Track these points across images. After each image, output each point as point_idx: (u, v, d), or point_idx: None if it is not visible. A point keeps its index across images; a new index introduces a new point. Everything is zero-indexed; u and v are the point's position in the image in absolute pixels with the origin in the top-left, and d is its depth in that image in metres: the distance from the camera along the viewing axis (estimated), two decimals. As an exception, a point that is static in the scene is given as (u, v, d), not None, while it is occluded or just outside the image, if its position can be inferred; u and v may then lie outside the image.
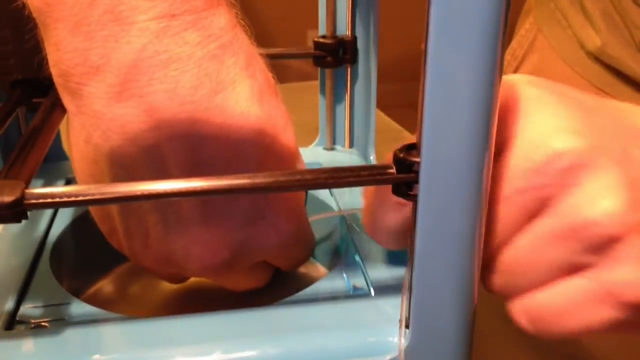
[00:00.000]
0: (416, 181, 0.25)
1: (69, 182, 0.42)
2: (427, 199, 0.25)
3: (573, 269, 0.28)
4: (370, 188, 0.31)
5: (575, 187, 0.27)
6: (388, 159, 0.27)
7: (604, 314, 0.27)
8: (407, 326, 0.28)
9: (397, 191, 0.26)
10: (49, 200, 0.24)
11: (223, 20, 0.28)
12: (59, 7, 0.27)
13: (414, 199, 0.26)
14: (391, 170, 0.26)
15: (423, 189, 0.25)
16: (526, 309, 0.29)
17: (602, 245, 0.26)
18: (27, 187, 0.24)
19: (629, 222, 0.26)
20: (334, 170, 0.26)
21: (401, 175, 0.26)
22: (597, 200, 0.26)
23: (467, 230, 0.26)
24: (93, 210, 0.33)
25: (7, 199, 0.23)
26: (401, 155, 0.26)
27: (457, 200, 0.26)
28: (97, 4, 0.26)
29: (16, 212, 0.23)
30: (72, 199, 0.24)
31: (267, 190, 0.25)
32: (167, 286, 0.38)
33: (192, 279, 0.37)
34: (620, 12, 0.58)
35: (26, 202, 0.23)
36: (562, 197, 0.27)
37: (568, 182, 0.27)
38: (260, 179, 0.25)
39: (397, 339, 0.28)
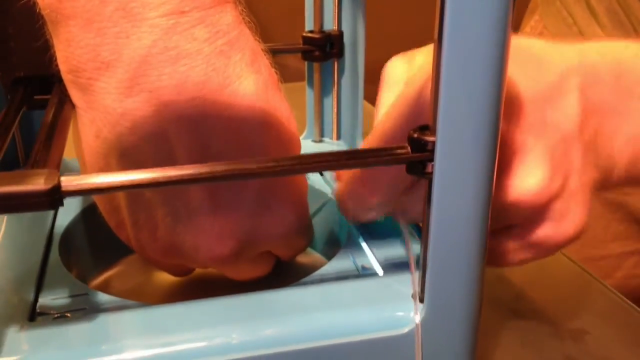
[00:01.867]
0: (430, 160, 0.27)
1: None
2: (441, 177, 0.27)
3: (512, 226, 0.36)
4: (347, 173, 0.34)
5: (511, 170, 0.33)
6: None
7: (528, 255, 0.36)
8: (421, 300, 0.30)
9: (411, 170, 0.28)
10: (86, 187, 0.24)
11: (230, 17, 0.29)
12: (71, 4, 0.27)
13: (428, 176, 0.27)
14: (406, 150, 0.27)
15: (438, 166, 0.27)
16: None
17: (529, 214, 0.35)
18: (57, 176, 0.25)
19: (549, 193, 0.34)
20: (355, 152, 0.27)
21: (416, 155, 0.27)
22: (523, 182, 0.34)
23: (479, 206, 0.28)
24: (100, 203, 0.33)
25: (45, 186, 0.24)
26: (415, 135, 0.27)
27: (470, 177, 0.27)
28: (109, 1, 0.27)
29: (54, 199, 0.24)
30: (108, 184, 0.25)
31: (291, 172, 0.26)
32: (172, 277, 0.39)
33: (196, 271, 0.38)
34: (625, 9, 0.61)
35: (63, 189, 0.24)
36: (503, 179, 0.33)
37: (505, 167, 0.33)
38: (284, 162, 0.26)
39: (412, 313, 0.30)
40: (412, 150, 0.27)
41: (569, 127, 0.34)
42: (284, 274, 0.38)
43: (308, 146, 0.48)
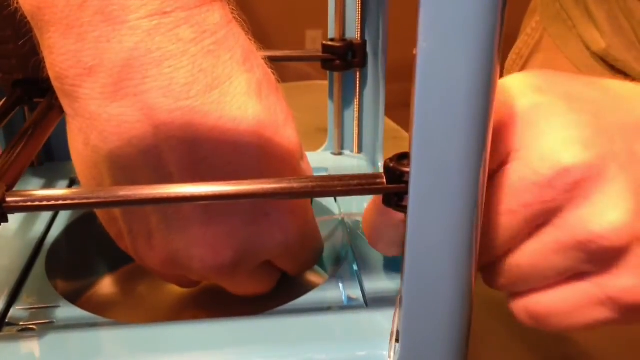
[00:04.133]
0: (406, 192, 0.24)
1: (72, 182, 0.42)
2: (417, 211, 0.24)
3: (576, 274, 0.29)
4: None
5: (583, 200, 0.27)
6: None
7: (602, 314, 0.29)
8: (397, 340, 0.28)
9: (387, 202, 0.25)
10: (29, 203, 0.23)
11: (217, 16, 0.28)
12: (50, 10, 0.27)
13: (404, 210, 0.25)
14: (381, 180, 0.25)
15: (413, 200, 0.24)
16: (528, 307, 0.30)
17: (606, 256, 0.27)
18: (11, 188, 0.24)
19: (633, 233, 0.27)
20: (322, 179, 0.25)
21: (391, 186, 0.25)
22: (603, 214, 0.27)
23: (460, 243, 0.25)
24: (100, 214, 0.33)
25: (-14, 201, 0.23)
26: (391, 164, 0.25)
27: (449, 212, 0.25)
28: (87, 6, 0.26)
29: (-5, 215, 0.23)
30: (52, 203, 0.24)
31: (254, 197, 0.25)
32: (165, 291, 0.38)
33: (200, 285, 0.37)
34: (626, 13, 0.57)
35: (5, 205, 0.23)
36: (569, 209, 0.27)
37: (576, 195, 0.27)
38: (246, 187, 0.25)
39: (388, 353, 0.28)
40: (387, 181, 0.25)
41: None
42: (285, 290, 0.36)
43: (327, 158, 0.46)
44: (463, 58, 0.22)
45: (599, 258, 0.28)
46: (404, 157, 0.25)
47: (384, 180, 0.25)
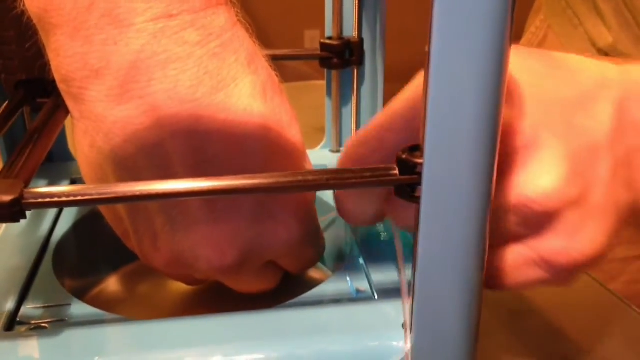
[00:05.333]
0: (419, 183, 0.25)
1: (73, 182, 0.42)
2: (430, 201, 0.25)
3: (514, 236, 0.31)
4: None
5: (518, 166, 0.29)
6: None
7: (536, 274, 0.31)
8: (410, 330, 0.28)
9: (399, 193, 0.26)
10: (48, 200, 0.24)
11: (223, 18, 0.28)
12: (57, 13, 0.27)
13: (417, 201, 0.25)
14: (394, 172, 0.25)
15: (426, 191, 0.25)
16: None
17: (538, 220, 0.30)
18: (26, 186, 0.24)
19: (564, 198, 0.29)
20: (337, 172, 0.25)
21: (404, 177, 0.25)
22: (536, 179, 0.29)
23: (472, 233, 0.26)
24: (106, 213, 0.33)
25: (6, 198, 0.23)
26: (404, 156, 0.25)
27: (461, 202, 0.25)
28: (94, 9, 0.26)
29: (14, 211, 0.23)
30: (71, 198, 0.24)
31: (268, 191, 0.25)
32: (172, 288, 0.38)
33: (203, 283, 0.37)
34: (632, 9, 0.58)
35: (24, 201, 0.23)
36: (505, 175, 0.30)
37: (511, 162, 0.29)
38: (261, 180, 0.25)
39: (401, 343, 0.28)
40: (400, 172, 0.25)
41: (598, 135, 0.31)
42: (289, 286, 0.36)
43: (326, 156, 0.47)
44: (475, 51, 0.23)
45: (533, 222, 0.30)
46: (415, 149, 0.25)
47: (397, 172, 0.25)
